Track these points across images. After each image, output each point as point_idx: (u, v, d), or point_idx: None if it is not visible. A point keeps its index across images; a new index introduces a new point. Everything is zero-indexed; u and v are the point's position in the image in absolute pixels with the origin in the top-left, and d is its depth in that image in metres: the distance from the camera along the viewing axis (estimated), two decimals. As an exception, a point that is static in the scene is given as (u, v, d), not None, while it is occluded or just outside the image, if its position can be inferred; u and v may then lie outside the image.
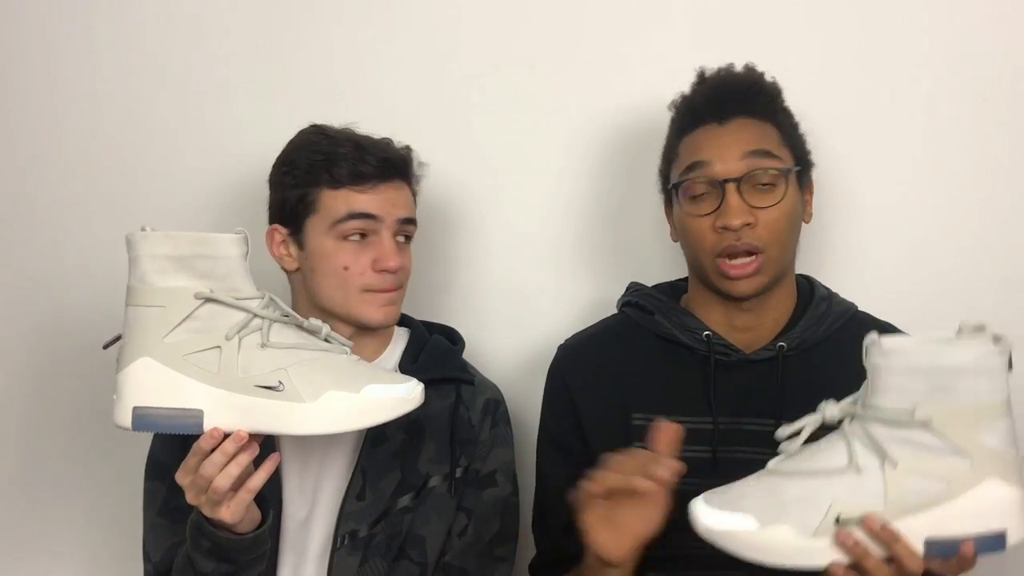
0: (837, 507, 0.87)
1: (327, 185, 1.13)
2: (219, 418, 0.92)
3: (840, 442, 0.91)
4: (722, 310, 1.15)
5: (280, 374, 0.93)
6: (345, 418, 0.93)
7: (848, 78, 1.34)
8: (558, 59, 1.40)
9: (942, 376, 0.86)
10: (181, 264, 0.93)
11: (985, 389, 0.87)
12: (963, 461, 0.86)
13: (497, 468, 1.21)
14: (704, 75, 1.17)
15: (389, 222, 1.14)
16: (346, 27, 1.45)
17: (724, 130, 1.11)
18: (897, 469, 0.87)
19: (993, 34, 1.31)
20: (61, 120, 1.51)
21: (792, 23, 1.35)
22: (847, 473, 0.89)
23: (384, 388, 0.95)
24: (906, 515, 0.87)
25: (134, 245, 0.94)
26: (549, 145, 1.41)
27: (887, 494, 0.87)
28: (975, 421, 0.86)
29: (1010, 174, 1.32)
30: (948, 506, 0.86)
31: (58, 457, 1.53)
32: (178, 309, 0.93)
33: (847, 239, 1.35)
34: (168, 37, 1.49)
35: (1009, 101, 1.31)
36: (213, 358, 0.93)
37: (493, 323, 1.43)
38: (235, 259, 0.95)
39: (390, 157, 1.16)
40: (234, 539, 0.98)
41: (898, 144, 1.34)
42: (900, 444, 0.87)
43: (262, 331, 0.94)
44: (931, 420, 0.86)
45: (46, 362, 1.53)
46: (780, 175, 1.09)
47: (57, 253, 1.52)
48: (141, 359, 0.92)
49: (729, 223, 1.07)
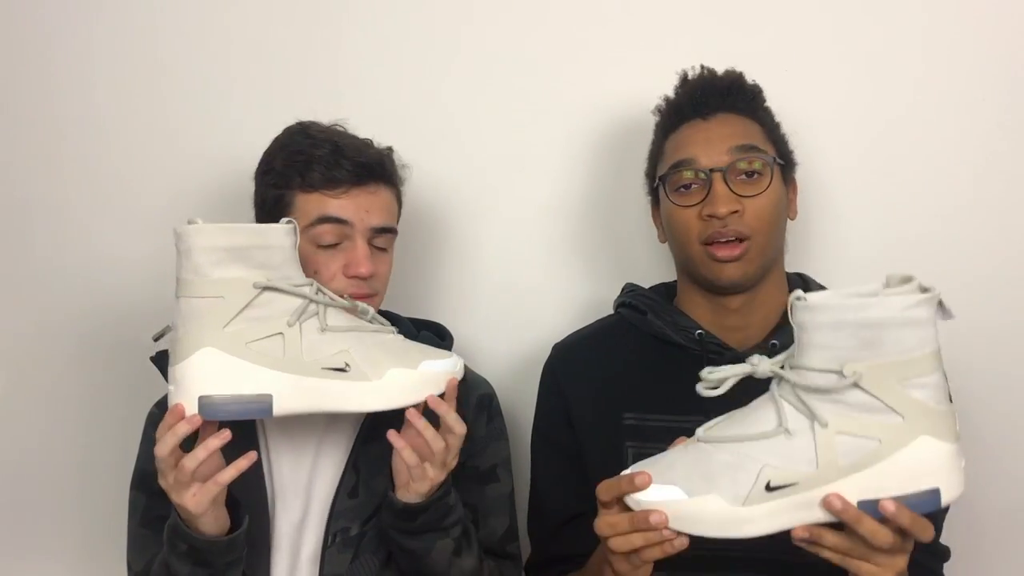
0: (767, 473, 0.84)
1: (300, 188, 1.12)
2: (288, 401, 0.95)
3: (769, 405, 0.88)
4: (711, 309, 1.15)
5: (344, 356, 0.97)
6: (410, 393, 0.98)
7: (839, 77, 1.36)
8: (551, 60, 1.42)
9: (869, 330, 0.83)
10: (237, 255, 0.95)
11: (914, 342, 0.83)
12: (895, 418, 0.83)
13: (497, 463, 1.22)
14: (686, 76, 1.19)
15: (362, 228, 1.12)
16: (344, 28, 1.45)
17: (708, 124, 1.13)
18: (828, 430, 0.84)
19: (990, 33, 1.33)
20: (61, 120, 1.49)
21: (786, 24, 1.37)
22: (776, 437, 0.85)
23: (436, 363, 1.01)
24: (839, 478, 0.83)
25: (185, 238, 0.95)
26: (542, 145, 1.43)
27: (818, 457, 0.84)
28: (905, 376, 0.83)
29: (1004, 173, 1.34)
30: (881, 466, 0.83)
31: (59, 457, 1.50)
32: (237, 299, 0.95)
33: (837, 239, 1.37)
34: (168, 36, 1.47)
35: (1005, 100, 1.33)
36: (277, 344, 0.95)
37: (487, 323, 1.44)
38: (288, 248, 0.98)
39: (365, 161, 1.13)
40: (209, 541, 0.98)
41: (890, 143, 1.36)
42: (830, 404, 0.84)
43: (319, 316, 0.98)
44: (861, 377, 0.83)
45: (46, 362, 1.50)
46: (766, 165, 1.10)
47: (57, 252, 1.48)
48: (203, 349, 0.94)
49: (716, 211, 1.07)
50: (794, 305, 0.86)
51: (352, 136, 1.18)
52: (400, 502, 1.04)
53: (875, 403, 0.83)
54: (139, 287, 1.46)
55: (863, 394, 0.83)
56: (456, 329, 1.27)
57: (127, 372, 1.45)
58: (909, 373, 0.83)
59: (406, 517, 1.05)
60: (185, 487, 0.95)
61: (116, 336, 1.47)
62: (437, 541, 1.06)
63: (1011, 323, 1.34)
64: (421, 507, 1.04)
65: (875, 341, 0.83)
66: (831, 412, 0.84)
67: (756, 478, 0.84)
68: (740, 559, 1.07)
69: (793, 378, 0.86)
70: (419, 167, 1.27)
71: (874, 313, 0.83)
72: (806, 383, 0.85)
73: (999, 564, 1.37)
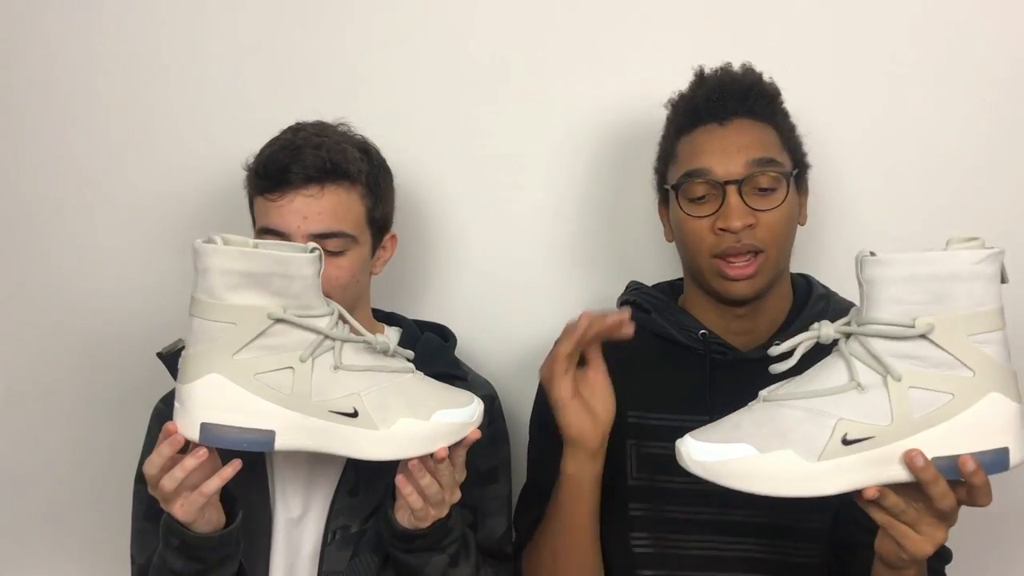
0: (843, 427, 0.83)
1: (254, 192, 1.12)
2: (291, 439, 0.92)
3: (839, 361, 0.87)
4: (717, 312, 1.15)
5: (354, 400, 0.93)
6: (416, 445, 0.94)
7: (848, 78, 1.34)
8: (554, 58, 1.39)
9: (940, 283, 0.83)
10: (254, 281, 0.90)
11: (983, 296, 0.83)
12: (966, 372, 0.83)
13: (497, 464, 1.22)
14: (703, 74, 1.15)
15: (300, 237, 1.07)
16: (345, 28, 1.42)
17: (725, 131, 1.10)
18: (901, 383, 0.83)
19: (993, 32, 1.32)
20: (62, 120, 1.47)
21: (788, 22, 1.35)
22: (849, 392, 0.84)
23: (451, 413, 0.96)
24: (914, 432, 0.82)
25: (204, 256, 0.90)
26: (544, 143, 1.41)
27: (893, 411, 0.83)
28: (975, 330, 0.83)
29: (1009, 173, 1.33)
30: (954, 421, 0.82)
31: (59, 457, 1.51)
32: (250, 327, 0.90)
33: (843, 239, 1.36)
34: (170, 36, 1.44)
35: (1009, 100, 1.32)
36: (286, 379, 0.91)
37: (487, 323, 1.43)
38: (310, 278, 0.93)
39: (307, 163, 1.08)
40: (201, 537, 0.98)
41: (895, 143, 1.35)
42: (902, 358, 0.83)
43: (334, 351, 0.94)
44: (932, 329, 0.82)
45: (47, 362, 1.50)
46: (781, 178, 1.08)
47: (57, 253, 1.48)
48: (210, 375, 0.90)
49: (730, 225, 1.06)
50: (862, 261, 0.86)
51: (331, 135, 1.13)
52: (400, 526, 1.03)
53: (946, 357, 0.83)
54: (140, 287, 1.46)
55: (934, 348, 0.83)
56: (456, 329, 1.28)
57: (127, 372, 1.46)
58: (978, 327, 0.83)
59: (405, 539, 1.04)
60: (174, 498, 0.94)
61: (116, 336, 1.47)
62: (432, 558, 1.06)
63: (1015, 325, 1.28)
64: (420, 533, 1.03)
65: (946, 294, 0.82)
66: (903, 366, 0.83)
67: (832, 432, 0.83)
68: (739, 559, 1.10)
69: (863, 333, 0.85)
70: (420, 167, 1.25)
71: (946, 266, 0.83)
72: (877, 337, 0.84)
73: (1000, 565, 1.36)
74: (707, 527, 1.11)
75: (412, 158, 1.20)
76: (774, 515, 1.09)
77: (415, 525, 1.02)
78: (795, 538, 1.11)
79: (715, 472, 0.86)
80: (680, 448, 0.89)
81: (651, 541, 1.13)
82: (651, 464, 1.12)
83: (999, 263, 0.84)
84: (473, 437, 0.98)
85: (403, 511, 1.02)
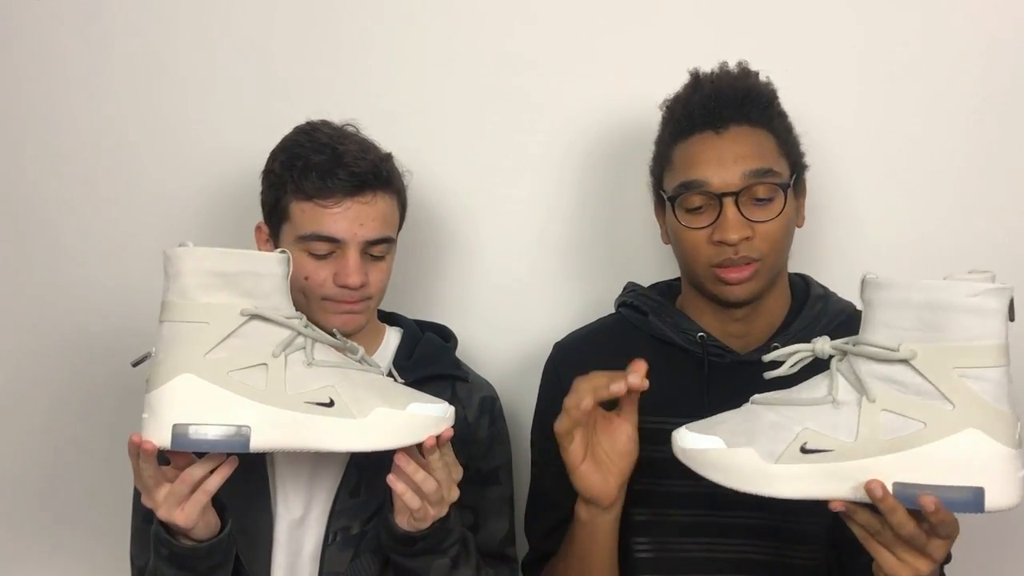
0: (804, 436, 0.85)
1: (295, 194, 1.10)
2: (267, 435, 0.91)
3: (826, 378, 0.89)
4: (715, 315, 1.14)
5: (329, 391, 0.93)
6: (393, 434, 0.94)
7: (844, 78, 1.35)
8: (552, 59, 1.40)
9: (932, 312, 0.82)
10: (226, 281, 0.92)
11: (978, 331, 0.81)
12: (945, 405, 0.82)
13: (499, 465, 1.21)
14: (699, 77, 1.13)
15: (355, 243, 1.10)
16: (346, 29, 1.44)
17: (721, 140, 1.08)
18: (874, 405, 0.84)
19: (993, 33, 1.32)
20: (62, 120, 1.48)
21: (787, 23, 1.35)
22: (823, 405, 0.86)
23: (425, 407, 0.97)
24: (877, 454, 0.83)
25: (175, 261, 0.92)
26: (543, 144, 1.42)
27: (859, 429, 0.84)
28: (963, 364, 0.81)
29: (1008, 174, 1.33)
30: (921, 450, 0.82)
31: (61, 457, 1.49)
32: (222, 326, 0.92)
33: (841, 239, 1.36)
34: (170, 36, 1.46)
35: (1009, 100, 1.32)
36: (259, 375, 0.92)
37: (487, 324, 1.43)
38: (278, 277, 0.95)
39: (362, 170, 1.10)
40: (190, 547, 0.98)
41: (894, 143, 1.35)
42: (883, 381, 0.84)
43: (306, 349, 0.95)
44: (914, 356, 0.82)
45: (47, 362, 1.49)
46: (778, 188, 1.07)
47: (58, 253, 1.48)
48: (181, 375, 0.91)
49: (727, 237, 1.05)
50: (864, 283, 0.87)
51: (358, 140, 1.15)
52: (400, 529, 1.02)
53: (926, 386, 0.82)
54: (140, 287, 1.45)
55: (915, 375, 0.83)
56: (457, 329, 1.28)
57: (128, 371, 1.41)
58: (968, 362, 0.82)
59: (405, 543, 1.03)
60: (175, 507, 0.94)
61: (117, 335, 1.47)
62: (434, 561, 1.05)
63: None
64: (420, 535, 1.02)
65: (937, 324, 0.82)
66: (881, 388, 0.84)
67: (794, 438, 0.85)
68: (738, 560, 1.09)
69: (854, 353, 0.87)
70: (421, 169, 1.26)
71: (940, 296, 0.82)
72: (865, 358, 0.85)
73: (1000, 564, 1.36)
74: (707, 530, 1.10)
75: (412, 160, 1.20)
76: (772, 517, 1.08)
77: (415, 527, 1.01)
78: (794, 540, 1.10)
79: (693, 459, 0.90)
80: (674, 436, 0.93)
81: (652, 546, 1.11)
82: (651, 468, 1.09)
83: (1004, 300, 0.82)
84: (447, 436, 0.98)
85: (402, 514, 1.01)
